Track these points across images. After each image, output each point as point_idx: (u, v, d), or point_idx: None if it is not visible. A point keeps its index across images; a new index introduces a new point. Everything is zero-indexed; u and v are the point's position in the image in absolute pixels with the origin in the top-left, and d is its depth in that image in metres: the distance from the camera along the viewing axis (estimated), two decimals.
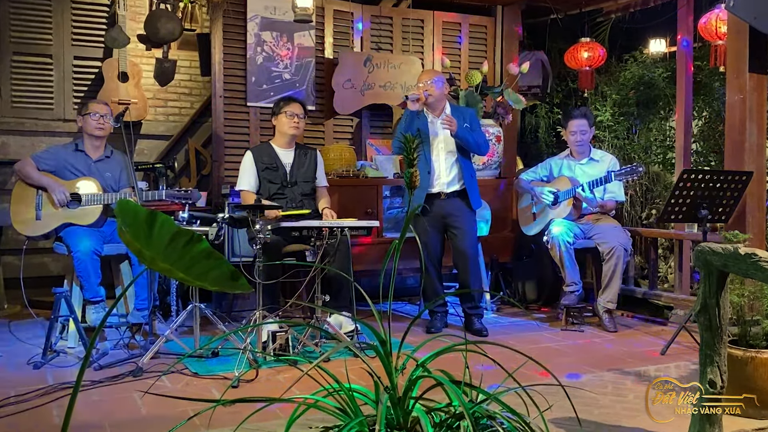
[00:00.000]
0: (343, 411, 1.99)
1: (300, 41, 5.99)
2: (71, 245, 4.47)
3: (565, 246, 5.16)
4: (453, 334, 4.81)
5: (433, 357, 2.06)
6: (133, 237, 1.46)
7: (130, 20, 6.03)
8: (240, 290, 1.59)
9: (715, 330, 2.72)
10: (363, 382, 2.27)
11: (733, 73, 4.61)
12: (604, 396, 3.56)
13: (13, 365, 4.11)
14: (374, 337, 1.99)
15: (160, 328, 4.48)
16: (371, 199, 5.74)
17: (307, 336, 4.37)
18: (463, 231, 5.02)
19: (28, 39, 5.93)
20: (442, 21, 6.48)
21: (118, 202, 1.51)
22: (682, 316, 5.19)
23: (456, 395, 1.85)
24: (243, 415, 2.13)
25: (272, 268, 4.35)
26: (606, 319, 5.14)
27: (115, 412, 3.32)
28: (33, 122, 5.94)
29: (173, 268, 1.50)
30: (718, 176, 4.41)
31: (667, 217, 4.54)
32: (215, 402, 2.02)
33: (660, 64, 6.54)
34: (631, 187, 6.16)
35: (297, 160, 5.06)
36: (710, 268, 2.68)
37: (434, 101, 5.00)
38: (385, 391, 1.93)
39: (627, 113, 6.64)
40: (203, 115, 6.38)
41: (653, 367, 4.13)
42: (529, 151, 7.21)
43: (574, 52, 6.26)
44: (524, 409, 2.03)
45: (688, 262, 5.42)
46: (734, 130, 4.64)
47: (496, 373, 2.26)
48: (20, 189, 4.65)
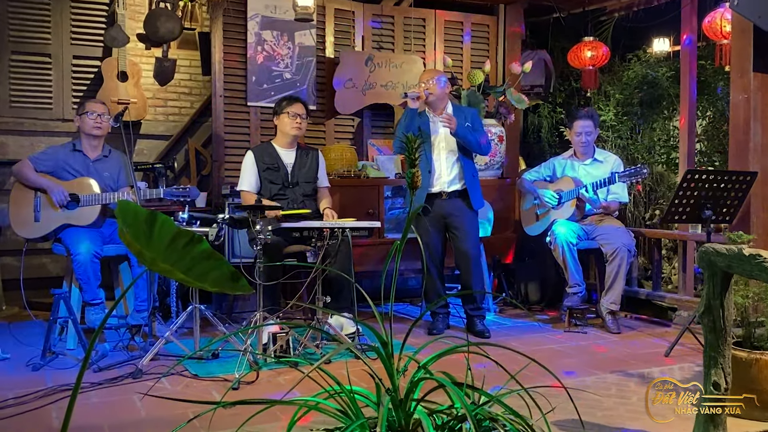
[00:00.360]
0: (344, 413, 1.97)
1: (301, 40, 5.96)
2: (70, 247, 4.45)
3: (568, 247, 5.14)
4: (455, 336, 4.71)
5: (435, 359, 2.04)
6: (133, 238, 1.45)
7: (129, 19, 6.00)
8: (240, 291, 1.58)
9: (720, 331, 2.70)
10: (364, 384, 2.25)
11: (738, 73, 4.59)
12: (608, 398, 3.53)
13: (11, 367, 4.10)
14: (376, 339, 1.97)
15: (159, 329, 4.47)
16: (372, 199, 5.71)
17: (307, 337, 4.35)
18: (464, 231, 5.00)
19: (27, 38, 5.90)
20: (444, 20, 6.45)
21: (118, 202, 1.50)
22: (686, 317, 5.19)
23: (458, 397, 1.83)
24: (243, 417, 2.12)
25: (273, 269, 4.33)
26: (609, 321, 5.11)
27: (114, 415, 3.31)
28: (32, 122, 5.90)
29: (174, 269, 1.49)
30: (722, 176, 4.38)
31: (671, 217, 4.52)
32: (215, 404, 1.99)
33: (664, 64, 6.51)
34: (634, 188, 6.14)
35: (298, 161, 5.04)
36: (714, 269, 2.66)
37: (436, 100, 4.98)
38: (387, 393, 1.91)
39: (630, 113, 6.61)
40: (203, 115, 6.35)
41: (657, 368, 4.11)
42: (532, 151, 7.18)
43: (577, 51, 6.24)
44: (527, 411, 2.02)
45: (692, 263, 5.40)
46: (738, 129, 4.61)
47: (498, 375, 2.24)
48: (18, 191, 4.63)
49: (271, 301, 4.47)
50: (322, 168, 5.18)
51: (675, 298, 5.52)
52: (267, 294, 4.31)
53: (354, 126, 6.30)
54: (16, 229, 4.60)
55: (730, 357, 2.73)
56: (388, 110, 6.31)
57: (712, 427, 2.70)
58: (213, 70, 5.73)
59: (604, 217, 5.39)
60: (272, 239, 4.26)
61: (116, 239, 4.65)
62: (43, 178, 4.60)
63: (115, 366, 4.01)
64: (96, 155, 4.81)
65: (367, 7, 6.23)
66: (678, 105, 6.03)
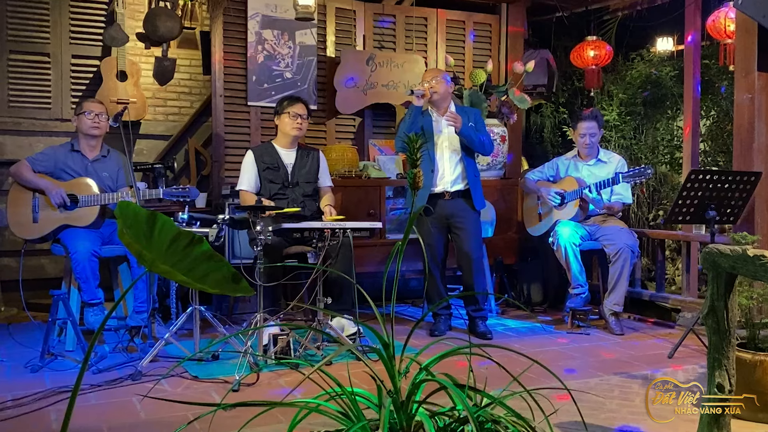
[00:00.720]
0: (345, 415, 1.97)
1: (301, 39, 5.94)
2: (69, 247, 4.43)
3: (571, 248, 5.11)
4: (457, 337, 4.78)
5: (437, 360, 2.03)
6: (133, 239, 1.48)
7: (128, 18, 5.98)
8: (241, 293, 1.60)
9: (723, 333, 2.68)
10: (365, 385, 2.25)
11: (742, 72, 4.59)
12: (611, 400, 3.52)
13: (10, 369, 4.09)
14: (377, 340, 1.97)
15: (159, 330, 4.47)
16: (374, 200, 5.69)
17: (308, 339, 4.33)
18: (466, 232, 4.98)
19: (26, 37, 5.86)
20: (446, 19, 6.43)
21: (118, 203, 1.50)
22: (689, 319, 5.17)
23: (460, 399, 1.83)
24: (244, 419, 2.12)
25: (273, 270, 4.32)
26: (612, 322, 5.09)
27: (113, 417, 3.30)
28: (30, 122, 5.87)
29: (174, 270, 1.51)
30: (726, 177, 4.37)
31: (675, 218, 4.51)
32: (216, 406, 1.99)
33: (667, 63, 6.49)
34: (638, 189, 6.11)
35: (299, 161, 5.02)
36: (718, 270, 2.65)
37: (439, 99, 4.96)
38: (388, 395, 1.91)
39: (634, 113, 6.59)
40: (203, 115, 6.32)
41: (660, 370, 4.09)
42: (534, 151, 7.16)
43: (580, 51, 6.22)
44: (529, 413, 2.01)
45: (696, 264, 5.39)
46: (742, 129, 4.62)
47: (500, 377, 2.24)
48: (17, 192, 4.61)
49: (272, 302, 4.49)
50: (324, 168, 5.15)
51: (679, 299, 5.51)
52: (267, 295, 4.31)
53: (355, 126, 6.28)
54: (15, 230, 4.58)
55: (734, 359, 2.72)
56: (390, 110, 6.30)
57: (716, 429, 2.68)
58: (213, 70, 5.71)
59: (607, 218, 5.37)
60: (273, 240, 4.24)
61: (115, 240, 4.63)
62: (40, 178, 4.58)
63: (115, 368, 4.00)
64: (94, 155, 4.78)
65: (369, 6, 6.21)
66: (682, 105, 6.00)
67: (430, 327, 5.08)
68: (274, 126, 5.05)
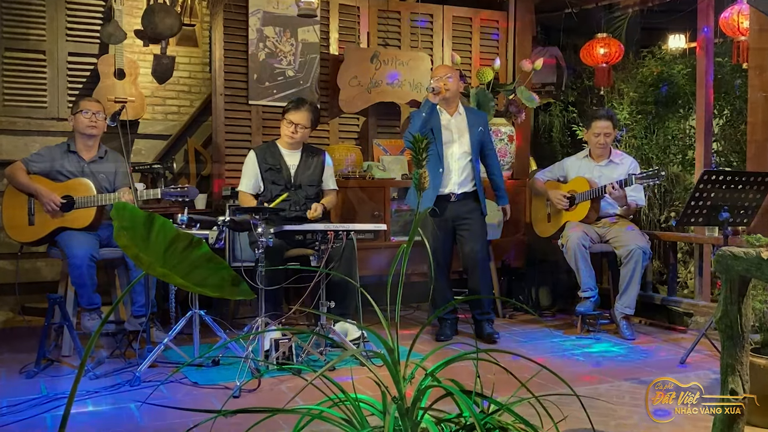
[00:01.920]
0: (348, 422, 1.96)
1: (304, 37, 5.90)
2: (66, 251, 4.38)
3: (580, 250, 5.03)
4: (463, 342, 4.84)
5: (443, 366, 2.01)
6: (130, 241, 1.48)
7: (126, 15, 5.92)
8: (241, 296, 1.59)
9: (737, 338, 2.65)
10: (370, 391, 2.26)
11: (756, 70, 4.62)
12: (621, 407, 3.51)
13: (5, 374, 4.07)
14: (381, 345, 1.95)
15: (158, 335, 4.43)
16: (378, 201, 5.64)
17: (311, 344, 4.31)
18: (472, 234, 4.94)
19: (21, 34, 5.80)
20: (452, 15, 6.38)
21: (114, 204, 1.45)
22: (702, 323, 5.14)
23: (467, 405, 1.83)
24: (245, 426, 2.11)
25: (275, 273, 4.29)
26: (623, 326, 5.03)
27: (111, 423, 3.27)
28: (26, 121, 5.82)
29: (172, 273, 1.51)
30: (739, 177, 4.31)
31: (687, 220, 4.45)
32: (216, 413, 1.95)
33: (680, 61, 6.41)
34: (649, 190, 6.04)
35: (303, 162, 4.97)
36: (731, 273, 2.62)
37: (451, 96, 4.91)
38: (393, 402, 1.91)
39: (645, 111, 6.50)
40: (203, 114, 6.26)
41: (672, 376, 4.00)
42: (543, 151, 7.12)
43: (589, 48, 6.16)
44: (538, 420, 1.98)
45: (709, 267, 5.34)
46: (756, 129, 4.63)
47: (508, 383, 2.20)
48: (12, 194, 4.56)
49: (273, 306, 4.44)
50: (329, 170, 5.10)
51: (691, 303, 5.45)
52: (269, 299, 4.26)
53: (359, 125, 6.24)
54: (10, 232, 4.54)
55: (747, 364, 2.70)
56: (395, 109, 6.25)
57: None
58: (213, 68, 5.69)
59: (618, 220, 5.31)
60: (274, 242, 4.21)
61: (113, 242, 4.57)
62: (34, 183, 4.52)
63: (112, 373, 3.99)
64: (91, 156, 4.72)
65: (373, 2, 6.18)
66: (694, 103, 5.94)
67: (436, 331, 5.04)
68: (277, 125, 5.00)
